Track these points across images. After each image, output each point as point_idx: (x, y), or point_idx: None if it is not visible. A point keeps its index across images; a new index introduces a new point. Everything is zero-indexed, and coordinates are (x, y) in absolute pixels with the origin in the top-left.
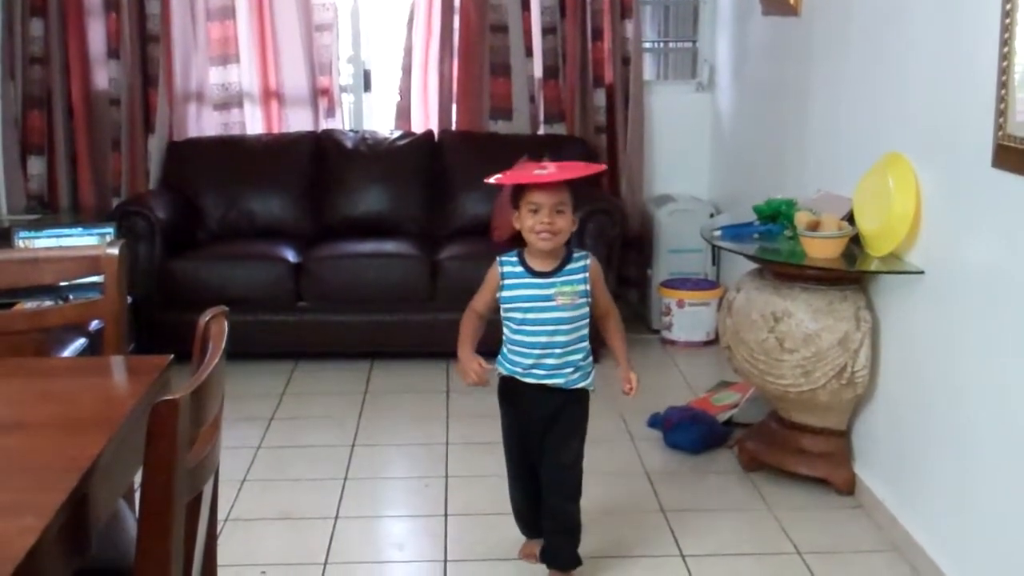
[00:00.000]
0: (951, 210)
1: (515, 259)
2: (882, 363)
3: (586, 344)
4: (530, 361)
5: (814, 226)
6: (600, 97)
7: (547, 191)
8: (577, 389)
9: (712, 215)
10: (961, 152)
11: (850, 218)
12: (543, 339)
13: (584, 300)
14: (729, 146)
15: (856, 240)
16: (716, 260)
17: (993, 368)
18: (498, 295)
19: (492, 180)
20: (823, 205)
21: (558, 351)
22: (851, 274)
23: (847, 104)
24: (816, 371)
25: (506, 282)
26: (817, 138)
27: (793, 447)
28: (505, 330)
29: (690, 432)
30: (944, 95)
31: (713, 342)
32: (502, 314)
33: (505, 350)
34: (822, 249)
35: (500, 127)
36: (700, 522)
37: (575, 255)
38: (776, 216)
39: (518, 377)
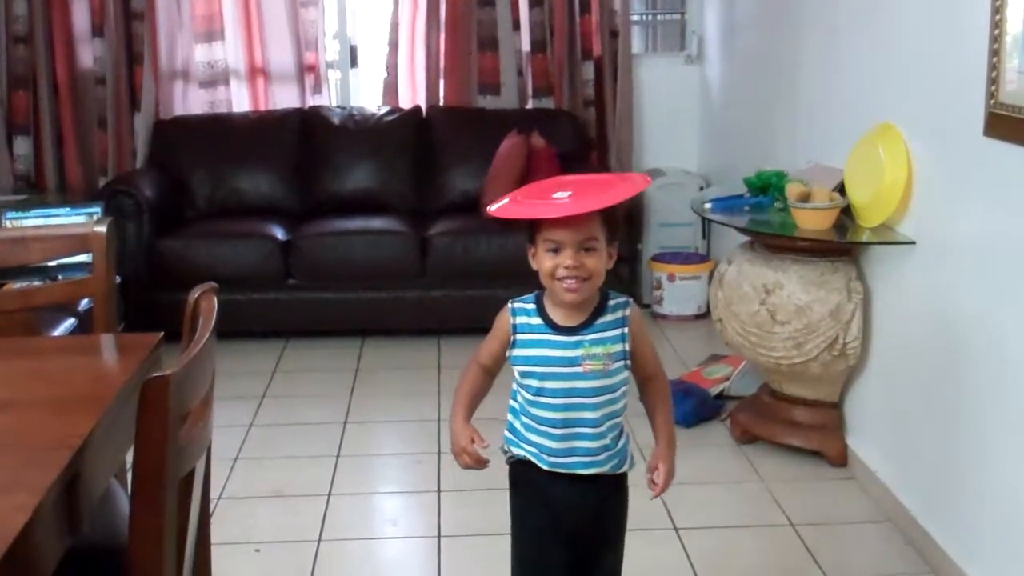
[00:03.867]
0: (943, 179)
1: (532, 305)
2: (874, 334)
3: (620, 421)
4: (553, 444)
5: (805, 197)
6: (588, 70)
7: (570, 225)
8: (618, 475)
9: (702, 188)
10: (952, 121)
11: (841, 189)
12: (562, 415)
13: (621, 363)
14: (719, 118)
15: (847, 211)
16: (706, 233)
17: (986, 337)
18: (508, 353)
19: (493, 210)
20: (814, 176)
21: (588, 430)
22: (842, 245)
23: (837, 74)
24: (808, 343)
25: (519, 337)
26: (807, 109)
27: (785, 419)
28: (518, 397)
29: (682, 405)
30: (935, 64)
31: (704, 316)
32: (516, 377)
33: (517, 424)
34: (813, 220)
35: (488, 102)
36: (693, 495)
37: (611, 303)
38: (766, 188)
39: (539, 464)
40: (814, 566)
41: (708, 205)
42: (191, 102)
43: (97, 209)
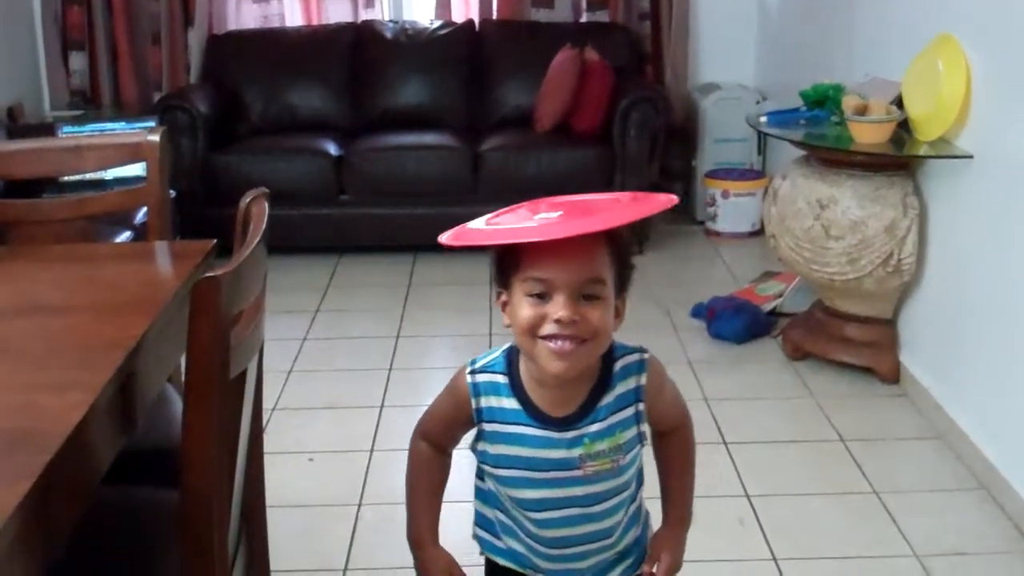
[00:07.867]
0: (1002, 92)
1: (503, 378)
2: (929, 250)
3: (635, 509)
4: (543, 563)
5: (862, 110)
6: None
7: (565, 256)
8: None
9: (758, 102)
10: (1013, 33)
11: (899, 102)
12: (554, 532)
13: (636, 448)
14: (776, 31)
15: (904, 125)
16: (762, 149)
17: None
18: (472, 446)
19: (445, 239)
20: (871, 89)
21: (594, 545)
22: (899, 159)
23: None
24: (862, 259)
25: (487, 427)
26: (866, 21)
27: (838, 336)
28: (488, 483)
29: (734, 322)
30: None
31: (758, 233)
32: (484, 468)
33: (489, 515)
34: (870, 134)
35: (541, 15)
36: (743, 410)
37: (619, 366)
38: (823, 101)
39: (523, 572)
40: (863, 480)
41: (763, 119)
42: (244, 16)
43: (152, 123)
